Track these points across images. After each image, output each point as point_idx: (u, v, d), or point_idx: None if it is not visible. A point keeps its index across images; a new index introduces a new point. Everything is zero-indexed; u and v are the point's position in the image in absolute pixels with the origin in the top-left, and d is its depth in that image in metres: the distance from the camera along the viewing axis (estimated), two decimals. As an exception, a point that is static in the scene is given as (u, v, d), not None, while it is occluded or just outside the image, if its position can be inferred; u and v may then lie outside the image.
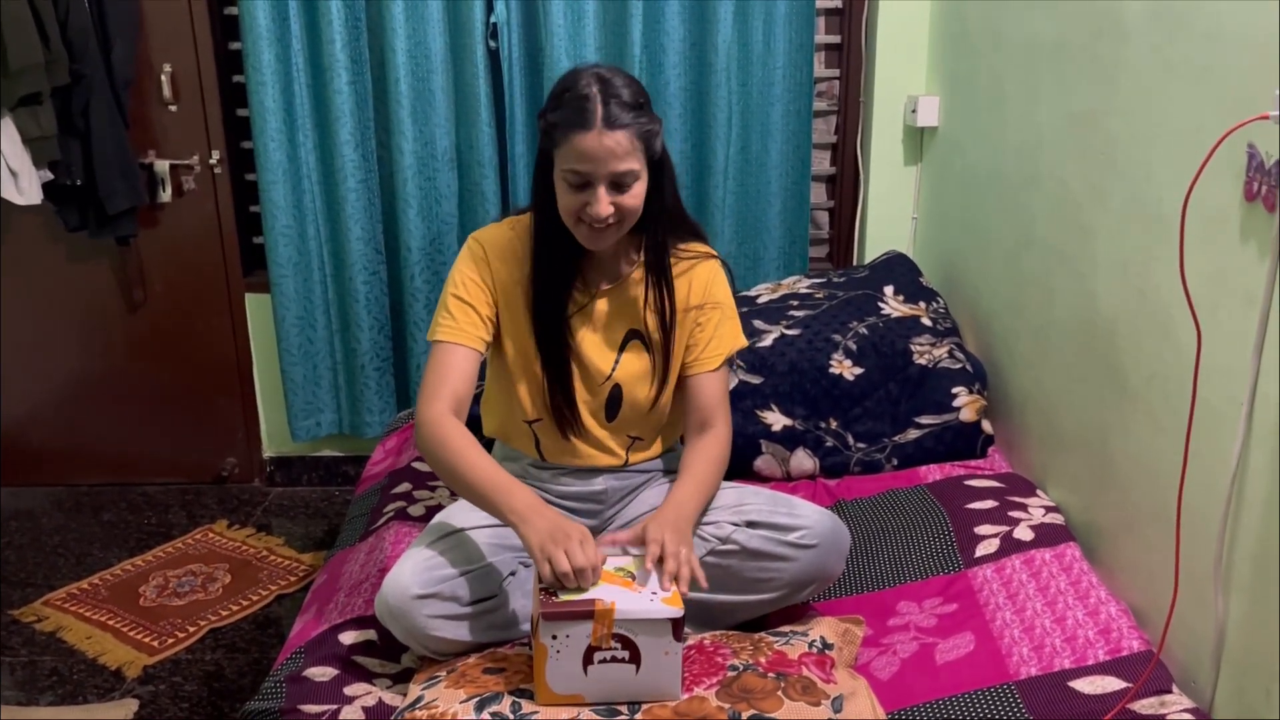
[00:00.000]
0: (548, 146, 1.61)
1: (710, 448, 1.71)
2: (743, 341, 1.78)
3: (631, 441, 1.80)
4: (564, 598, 1.44)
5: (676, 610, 1.43)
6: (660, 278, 1.72)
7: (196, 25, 2.87)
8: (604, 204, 1.57)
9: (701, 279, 1.76)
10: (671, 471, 1.88)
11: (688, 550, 1.51)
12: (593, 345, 1.74)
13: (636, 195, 1.61)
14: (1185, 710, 1.46)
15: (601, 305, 1.74)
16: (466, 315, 1.69)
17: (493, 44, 2.77)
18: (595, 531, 1.78)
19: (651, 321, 1.74)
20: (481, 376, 1.78)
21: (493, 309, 1.72)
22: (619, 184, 1.58)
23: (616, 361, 1.74)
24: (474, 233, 1.77)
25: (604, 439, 1.79)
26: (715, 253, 1.81)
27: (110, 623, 2.52)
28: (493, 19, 2.75)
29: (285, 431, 3.12)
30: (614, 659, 1.43)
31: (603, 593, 1.45)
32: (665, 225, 1.70)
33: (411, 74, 2.78)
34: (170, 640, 2.44)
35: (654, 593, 1.46)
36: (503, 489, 1.55)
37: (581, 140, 1.55)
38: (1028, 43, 2.20)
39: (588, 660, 1.43)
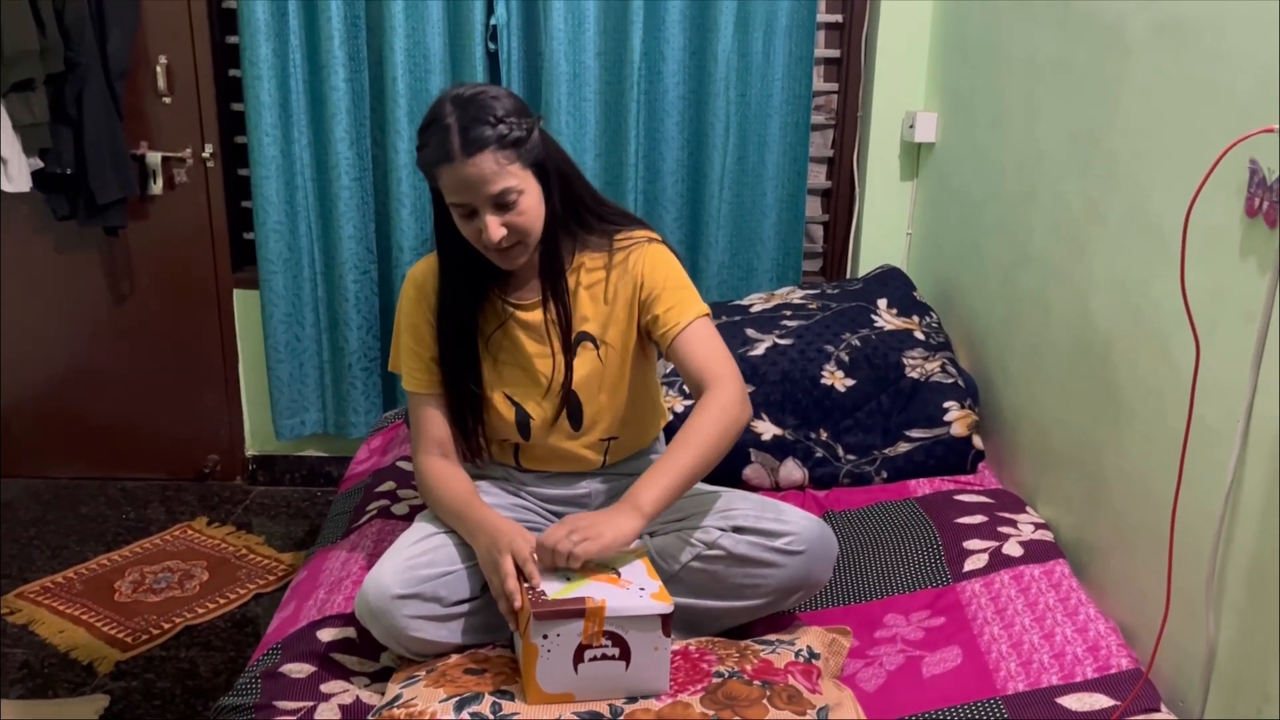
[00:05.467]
0: (430, 183, 1.61)
1: (700, 411, 1.59)
2: (699, 309, 1.68)
3: (606, 444, 1.78)
4: (552, 596, 1.42)
5: (666, 606, 1.43)
6: (553, 284, 1.68)
7: (194, 18, 2.86)
8: (494, 228, 1.55)
9: (636, 268, 1.70)
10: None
11: (589, 539, 1.46)
12: (537, 356, 1.72)
13: (525, 210, 1.57)
14: (1173, 729, 1.45)
15: (537, 315, 1.71)
16: (422, 365, 1.73)
17: (492, 46, 2.77)
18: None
19: (591, 324, 1.71)
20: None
21: (435, 351, 1.73)
22: (503, 204, 1.55)
23: (567, 368, 1.71)
24: (410, 270, 1.77)
25: (575, 448, 1.76)
26: (654, 235, 1.75)
27: (84, 617, 2.48)
28: (493, 21, 2.75)
29: (269, 430, 3.10)
30: (604, 656, 1.42)
31: (592, 590, 1.43)
32: (557, 232, 1.65)
33: (409, 73, 2.77)
34: (144, 637, 2.41)
35: (641, 589, 1.45)
36: (461, 511, 1.62)
37: (448, 174, 1.53)
38: (1029, 60, 2.20)
39: (578, 659, 1.42)
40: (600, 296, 1.71)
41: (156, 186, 2.96)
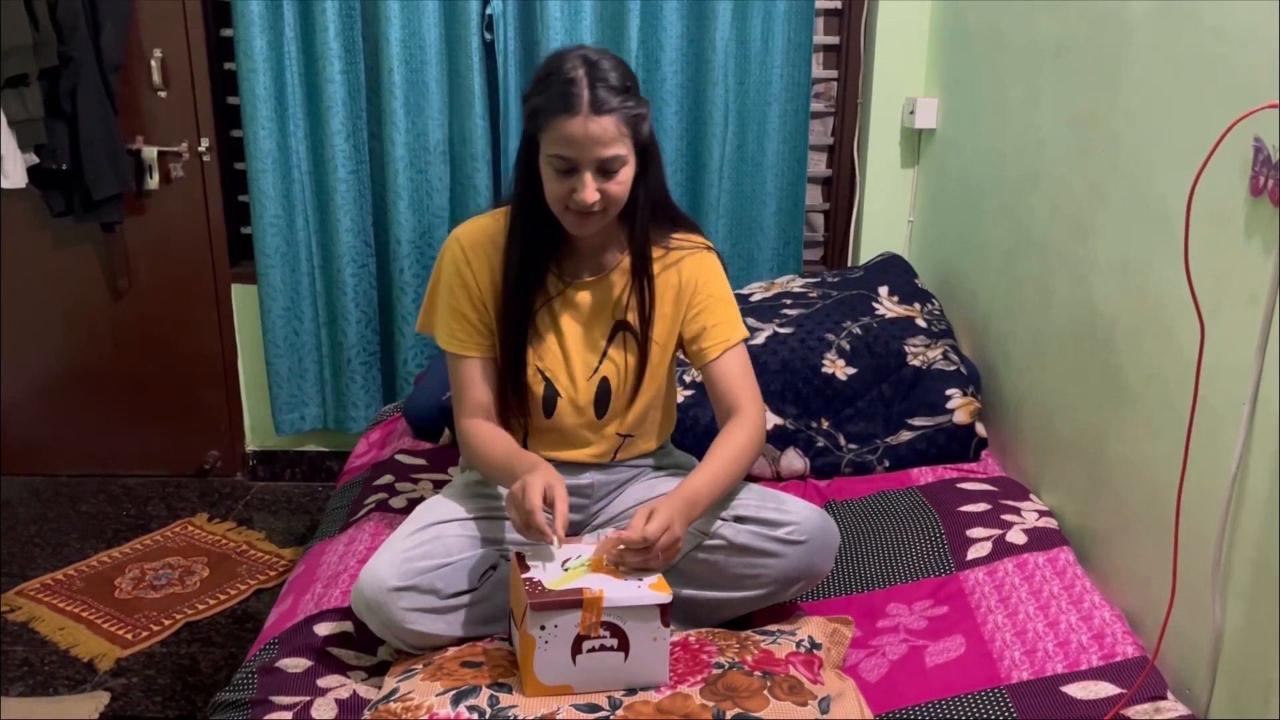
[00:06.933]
0: (532, 131, 1.58)
1: (733, 432, 1.65)
2: (743, 332, 1.73)
3: (621, 440, 1.77)
4: (549, 587, 1.41)
5: (664, 596, 1.41)
6: (641, 268, 1.69)
7: (188, 11, 2.84)
8: (590, 190, 1.54)
9: (691, 270, 1.72)
10: (662, 467, 1.85)
11: (679, 529, 1.49)
12: (578, 338, 1.71)
13: (623, 182, 1.58)
14: (1180, 717, 1.43)
15: (586, 296, 1.70)
16: (465, 326, 1.70)
17: (488, 36, 2.75)
18: (581, 526, 1.76)
19: (633, 317, 1.71)
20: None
21: (483, 311, 1.70)
22: (605, 170, 1.55)
23: (604, 354, 1.71)
24: (456, 229, 1.74)
25: (592, 437, 1.75)
26: (710, 244, 1.77)
27: (84, 614, 2.47)
28: (489, 11, 2.72)
29: (269, 425, 3.08)
30: (602, 647, 1.41)
31: (590, 581, 1.42)
32: (648, 213, 1.66)
33: (405, 64, 2.75)
34: (145, 633, 2.40)
35: (640, 579, 1.44)
36: (513, 462, 1.60)
37: (567, 126, 1.51)
38: (1029, 44, 2.17)
39: (576, 650, 1.40)
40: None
41: (153, 181, 2.94)
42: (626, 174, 1.58)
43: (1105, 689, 1.48)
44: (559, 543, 1.48)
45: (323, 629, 1.66)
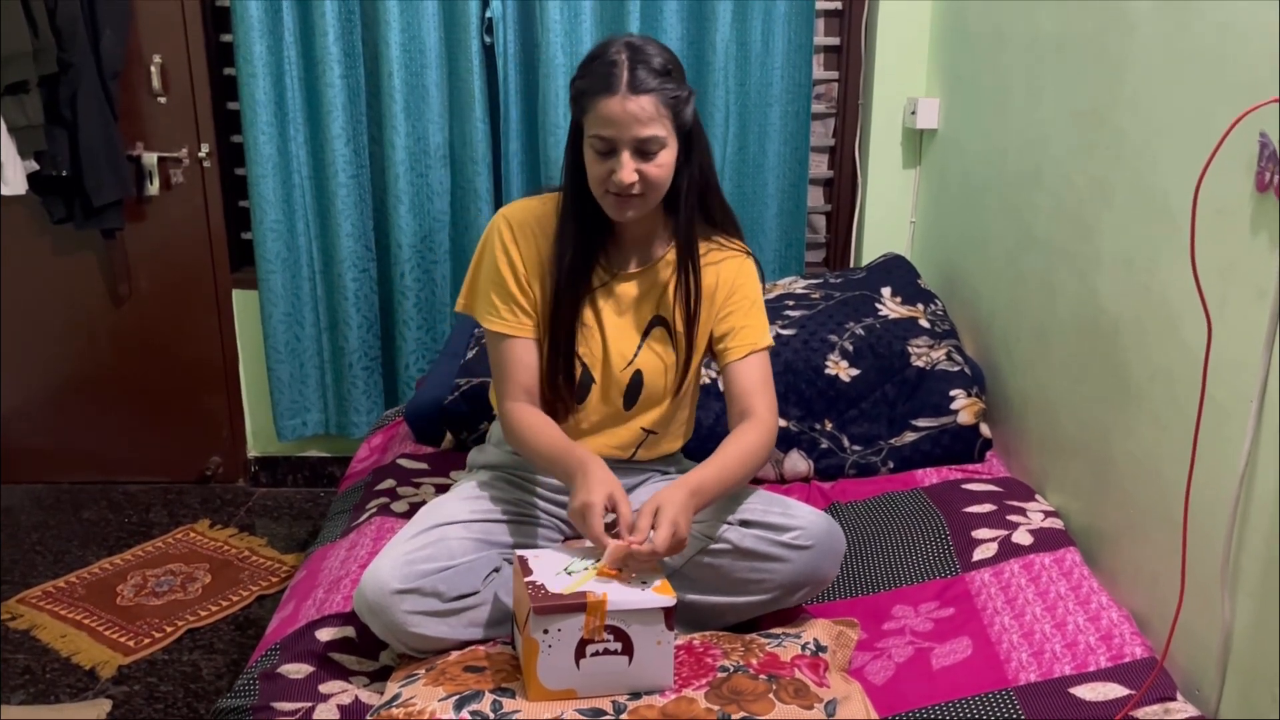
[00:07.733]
0: (577, 114, 1.60)
1: (744, 433, 1.64)
2: (769, 340, 1.73)
3: (644, 436, 1.76)
4: (553, 590, 1.40)
5: (669, 599, 1.40)
6: (688, 260, 1.69)
7: (188, 16, 2.83)
8: (628, 170, 1.55)
9: (730, 271, 1.73)
10: (670, 472, 1.83)
11: (685, 528, 1.47)
12: (617, 328, 1.72)
13: (662, 164, 1.58)
14: (1189, 718, 1.41)
15: (629, 288, 1.71)
16: (511, 307, 1.69)
17: (488, 39, 2.74)
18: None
19: (678, 308, 1.71)
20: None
21: (529, 292, 1.70)
22: (644, 151, 1.55)
23: (640, 346, 1.71)
24: (503, 209, 1.74)
25: (617, 428, 1.75)
26: (749, 250, 1.78)
27: (86, 621, 2.46)
28: (488, 14, 2.72)
29: (271, 431, 3.07)
30: (606, 651, 1.40)
31: (593, 585, 1.41)
32: (694, 202, 1.66)
33: (405, 68, 2.74)
34: (147, 640, 2.38)
35: (644, 582, 1.43)
36: (565, 456, 1.58)
37: (606, 105, 1.53)
38: (1031, 41, 2.17)
39: (580, 654, 1.39)
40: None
41: (153, 187, 2.94)
42: (666, 157, 1.58)
43: (1114, 690, 1.46)
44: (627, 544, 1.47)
45: (325, 634, 1.65)
